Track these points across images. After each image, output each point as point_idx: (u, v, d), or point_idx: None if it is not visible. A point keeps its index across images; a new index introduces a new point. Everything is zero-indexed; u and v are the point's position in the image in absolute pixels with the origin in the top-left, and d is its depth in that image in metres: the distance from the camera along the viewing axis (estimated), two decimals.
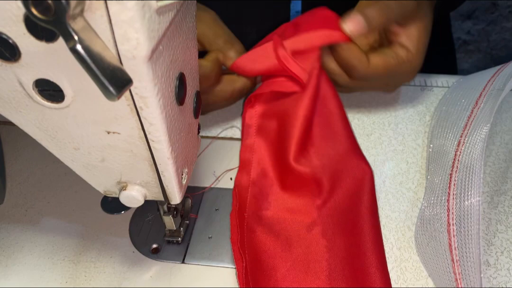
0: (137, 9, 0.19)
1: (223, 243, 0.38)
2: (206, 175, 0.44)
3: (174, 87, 0.26)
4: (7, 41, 0.21)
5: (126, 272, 0.37)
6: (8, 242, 0.39)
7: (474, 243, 0.32)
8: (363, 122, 0.48)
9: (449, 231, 0.34)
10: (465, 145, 0.38)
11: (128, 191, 0.30)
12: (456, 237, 0.33)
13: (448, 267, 0.33)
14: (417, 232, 0.37)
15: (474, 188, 0.34)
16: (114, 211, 0.41)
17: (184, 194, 0.32)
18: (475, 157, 0.36)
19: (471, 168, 0.35)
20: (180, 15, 0.25)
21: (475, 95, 0.43)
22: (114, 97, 0.19)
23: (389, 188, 0.42)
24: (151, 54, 0.21)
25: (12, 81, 0.23)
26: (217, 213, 0.40)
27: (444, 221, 0.35)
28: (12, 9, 0.19)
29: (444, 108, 0.46)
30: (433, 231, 0.35)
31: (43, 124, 0.26)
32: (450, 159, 0.38)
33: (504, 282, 0.34)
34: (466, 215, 0.33)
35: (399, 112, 0.49)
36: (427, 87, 0.52)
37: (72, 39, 0.17)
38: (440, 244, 0.34)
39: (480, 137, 0.37)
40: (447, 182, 0.37)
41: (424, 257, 0.35)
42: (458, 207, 0.34)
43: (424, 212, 0.38)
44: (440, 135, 0.43)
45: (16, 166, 0.46)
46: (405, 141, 0.46)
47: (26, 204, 0.42)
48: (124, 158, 0.28)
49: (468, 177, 0.35)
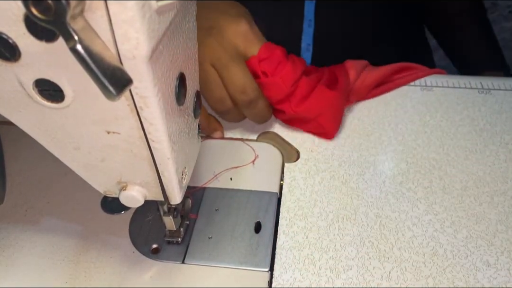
0: (137, 9, 0.19)
1: (223, 243, 0.38)
2: (206, 175, 0.44)
3: (174, 87, 0.26)
4: (7, 41, 0.21)
5: (126, 272, 0.37)
6: (8, 242, 0.39)
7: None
8: (363, 122, 0.48)
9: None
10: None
11: (128, 191, 0.30)
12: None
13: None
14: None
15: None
16: (114, 211, 0.41)
17: (184, 194, 0.32)
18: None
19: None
20: (180, 15, 0.25)
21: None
22: (114, 97, 0.19)
23: (389, 188, 0.42)
24: (151, 54, 0.21)
25: (12, 81, 0.23)
26: (217, 213, 0.40)
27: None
28: (12, 9, 0.19)
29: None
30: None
31: (43, 124, 0.26)
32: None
33: (504, 282, 0.34)
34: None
35: (399, 112, 0.49)
36: (427, 87, 0.52)
37: (72, 39, 0.17)
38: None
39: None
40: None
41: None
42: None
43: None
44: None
45: (16, 166, 0.46)
46: (405, 141, 0.46)
47: (26, 204, 0.42)
48: (124, 158, 0.28)
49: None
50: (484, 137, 0.46)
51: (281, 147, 0.47)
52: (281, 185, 0.43)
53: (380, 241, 0.38)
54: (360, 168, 0.44)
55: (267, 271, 0.36)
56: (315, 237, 0.38)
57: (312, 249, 0.37)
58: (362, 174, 0.43)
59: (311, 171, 0.44)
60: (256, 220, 0.39)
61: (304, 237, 0.38)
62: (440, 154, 0.44)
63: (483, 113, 0.48)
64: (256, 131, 0.48)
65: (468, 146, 0.45)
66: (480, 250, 0.37)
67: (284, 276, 0.36)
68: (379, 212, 0.40)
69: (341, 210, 0.40)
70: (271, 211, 0.40)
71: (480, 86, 0.51)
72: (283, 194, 0.42)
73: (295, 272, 0.36)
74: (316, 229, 0.39)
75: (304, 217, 0.40)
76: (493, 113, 0.48)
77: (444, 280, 0.35)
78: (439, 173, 0.43)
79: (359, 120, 0.49)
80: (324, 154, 0.45)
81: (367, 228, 0.39)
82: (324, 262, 0.36)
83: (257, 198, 0.41)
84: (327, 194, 0.42)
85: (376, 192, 0.41)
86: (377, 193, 0.41)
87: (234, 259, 0.37)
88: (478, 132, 0.46)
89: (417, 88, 0.52)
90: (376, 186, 0.42)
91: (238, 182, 0.43)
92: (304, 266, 0.36)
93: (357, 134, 0.46)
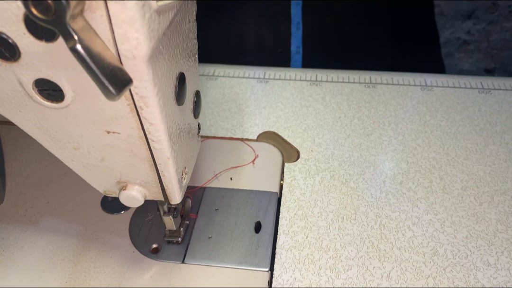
0: (137, 9, 0.19)
1: (223, 243, 0.38)
2: (206, 175, 0.44)
3: (174, 87, 0.26)
4: (7, 41, 0.21)
5: (126, 272, 0.37)
6: (8, 242, 0.39)
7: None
8: (363, 122, 0.48)
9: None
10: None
11: (128, 191, 0.30)
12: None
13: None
14: None
15: None
16: (114, 211, 0.41)
17: (184, 194, 0.32)
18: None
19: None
20: (180, 15, 0.25)
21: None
22: (114, 97, 0.19)
23: (389, 188, 0.42)
24: (151, 54, 0.21)
25: (12, 81, 0.23)
26: (217, 213, 0.40)
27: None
28: (12, 9, 0.19)
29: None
30: None
31: (43, 124, 0.26)
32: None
33: (504, 282, 0.34)
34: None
35: (399, 112, 0.49)
36: (427, 87, 0.52)
37: (72, 39, 0.17)
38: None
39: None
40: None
41: None
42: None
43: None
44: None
45: (16, 166, 0.46)
46: (405, 141, 0.46)
47: (26, 204, 0.42)
48: (124, 158, 0.28)
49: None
50: (484, 137, 0.46)
51: (281, 147, 0.47)
52: (281, 185, 0.43)
53: (380, 241, 0.38)
54: (360, 168, 0.44)
55: (267, 271, 0.36)
56: (315, 237, 0.38)
57: (312, 249, 0.37)
58: (362, 174, 0.43)
59: (311, 171, 0.44)
60: (256, 220, 0.39)
61: (304, 237, 0.38)
62: (440, 154, 0.44)
63: (483, 113, 0.48)
64: (256, 131, 0.48)
65: (468, 146, 0.45)
66: (480, 250, 0.37)
67: (284, 276, 0.36)
68: (379, 212, 0.40)
69: (341, 210, 0.40)
70: (271, 211, 0.40)
71: (480, 86, 0.51)
72: (283, 194, 0.42)
73: (295, 272, 0.36)
74: (316, 229, 0.39)
75: (304, 217, 0.40)
76: (493, 113, 0.48)
77: (444, 280, 0.35)
78: (439, 173, 0.43)
79: (359, 120, 0.49)
80: (324, 154, 0.45)
81: (367, 228, 0.39)
82: (324, 262, 0.36)
83: (257, 198, 0.41)
84: (327, 194, 0.42)
85: (376, 192, 0.41)
86: (377, 193, 0.41)
87: (234, 259, 0.37)
88: (478, 132, 0.46)
89: (417, 88, 0.52)
90: (376, 186, 0.42)
91: (238, 182, 0.43)
92: (304, 266, 0.36)
93: (357, 134, 0.46)
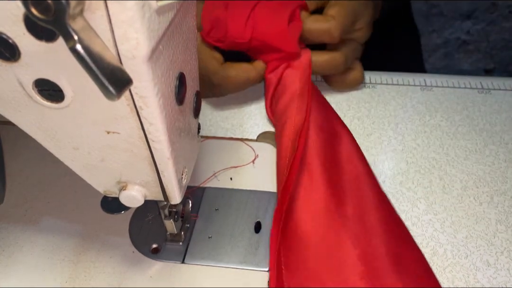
0: (137, 9, 0.19)
1: (223, 243, 0.38)
2: (205, 175, 0.44)
3: (174, 87, 0.26)
4: (7, 41, 0.21)
5: (126, 272, 0.37)
6: (8, 242, 0.39)
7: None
8: (363, 122, 0.48)
9: None
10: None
11: (128, 191, 0.30)
12: None
13: None
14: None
15: None
16: (114, 211, 0.41)
17: (184, 194, 0.32)
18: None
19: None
20: (180, 15, 0.25)
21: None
22: (114, 97, 0.19)
23: (389, 188, 0.42)
24: (151, 54, 0.21)
25: (12, 81, 0.23)
26: (217, 213, 0.40)
27: None
28: (12, 9, 0.19)
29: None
30: None
31: (43, 124, 0.26)
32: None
33: (504, 282, 0.34)
34: None
35: (399, 112, 0.49)
36: (427, 87, 0.52)
37: (72, 39, 0.17)
38: None
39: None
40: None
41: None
42: None
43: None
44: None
45: (16, 166, 0.46)
46: (405, 141, 0.46)
47: (26, 204, 0.42)
48: (124, 158, 0.28)
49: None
50: (484, 137, 0.46)
51: None
52: None
53: None
54: None
55: (267, 271, 0.36)
56: None
57: None
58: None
59: None
60: (256, 220, 0.39)
61: None
62: (440, 154, 0.44)
63: (483, 113, 0.48)
64: (256, 131, 0.48)
65: (468, 146, 0.45)
66: (480, 250, 0.37)
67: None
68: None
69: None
70: (271, 211, 0.40)
71: (480, 86, 0.51)
72: None
73: None
74: None
75: None
76: (493, 113, 0.48)
77: (444, 280, 0.35)
78: (439, 173, 0.43)
79: (359, 120, 0.49)
80: None
81: None
82: None
83: (257, 198, 0.41)
84: None
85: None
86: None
87: (234, 259, 0.37)
88: (478, 132, 0.46)
89: (417, 88, 0.52)
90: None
91: (238, 182, 0.43)
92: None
93: (357, 134, 0.46)
